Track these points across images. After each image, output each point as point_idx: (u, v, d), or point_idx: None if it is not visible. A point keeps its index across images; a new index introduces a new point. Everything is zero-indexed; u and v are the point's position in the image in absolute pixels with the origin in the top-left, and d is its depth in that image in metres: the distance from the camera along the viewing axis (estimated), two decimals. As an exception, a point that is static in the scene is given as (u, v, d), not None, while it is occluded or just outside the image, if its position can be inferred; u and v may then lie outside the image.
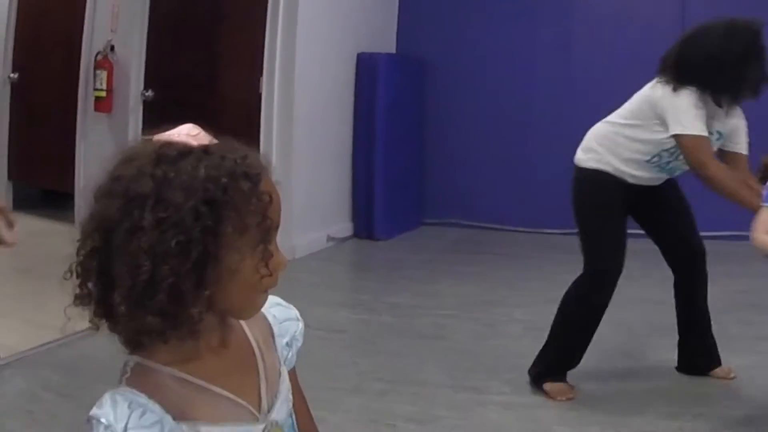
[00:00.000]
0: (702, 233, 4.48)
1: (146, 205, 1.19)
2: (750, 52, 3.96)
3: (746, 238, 7.19)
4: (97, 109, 7.13)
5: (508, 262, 7.11)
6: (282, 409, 1.39)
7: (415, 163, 8.01)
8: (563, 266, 6.53)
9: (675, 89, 4.00)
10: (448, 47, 7.95)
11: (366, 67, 7.39)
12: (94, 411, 1.21)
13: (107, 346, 1.36)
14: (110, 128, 7.02)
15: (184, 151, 1.24)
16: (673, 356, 4.61)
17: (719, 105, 4.02)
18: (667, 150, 4.14)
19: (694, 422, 4.08)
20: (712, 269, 4.57)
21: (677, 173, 4.28)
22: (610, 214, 4.26)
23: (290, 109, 6.59)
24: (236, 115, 6.70)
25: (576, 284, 4.36)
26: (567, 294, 4.38)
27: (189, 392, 1.26)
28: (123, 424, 1.19)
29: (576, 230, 4.36)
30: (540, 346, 4.91)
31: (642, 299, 5.69)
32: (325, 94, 7.03)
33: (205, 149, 1.25)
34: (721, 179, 3.95)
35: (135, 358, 1.28)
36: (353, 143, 7.46)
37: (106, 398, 1.22)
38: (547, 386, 4.35)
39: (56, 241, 7.74)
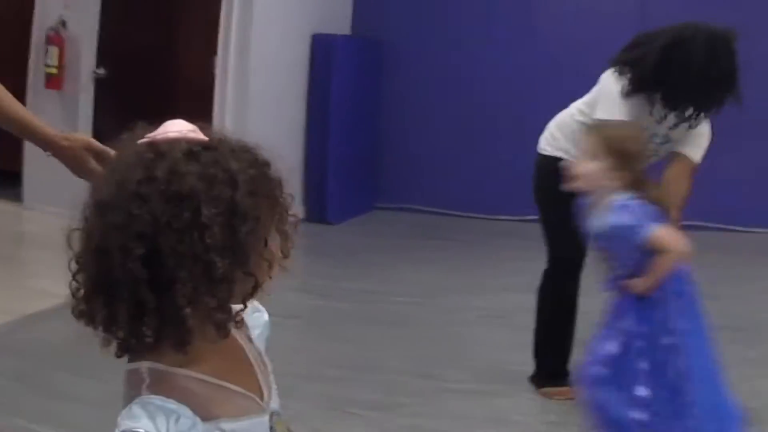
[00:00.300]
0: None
1: (198, 202, 1.19)
2: (731, 72, 3.92)
3: (701, 228, 7.37)
4: (48, 86, 7.02)
5: (463, 248, 7.12)
6: (276, 399, 1.41)
7: (369, 147, 7.98)
8: (518, 253, 6.61)
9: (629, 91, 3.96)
10: (405, 29, 7.93)
11: (321, 48, 7.36)
12: (130, 424, 1.19)
13: (60, 329, 1.33)
14: (61, 106, 6.91)
15: (207, 145, 1.26)
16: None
17: (672, 109, 3.98)
18: None
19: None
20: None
21: None
22: (572, 202, 4.24)
23: (245, 89, 6.55)
24: (190, 94, 6.66)
25: (545, 278, 4.40)
26: (540, 291, 4.40)
27: (208, 392, 1.27)
28: None
29: (536, 218, 4.41)
30: (498, 334, 4.95)
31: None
32: (279, 75, 7.00)
33: (216, 143, 1.27)
34: None
35: (146, 364, 1.26)
36: (306, 125, 7.43)
37: (138, 410, 1.20)
38: (545, 390, 4.32)
39: (3, 221, 7.62)
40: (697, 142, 4.19)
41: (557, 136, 4.30)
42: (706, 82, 3.88)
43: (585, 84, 4.28)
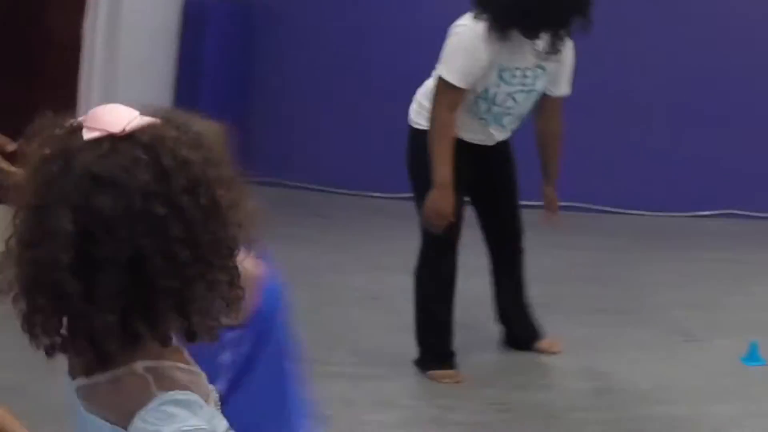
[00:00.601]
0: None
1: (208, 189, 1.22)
2: None
3: (586, 210, 7.44)
4: None
5: (337, 225, 6.96)
6: None
7: (240, 116, 7.69)
8: (392, 231, 6.50)
9: (472, 21, 3.98)
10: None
11: (193, 11, 7.10)
12: (179, 426, 1.19)
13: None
14: None
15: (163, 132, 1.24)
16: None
17: (531, 38, 3.98)
18: (480, 96, 4.07)
19: (543, 393, 4.09)
20: (549, 240, 4.57)
21: (507, 123, 4.19)
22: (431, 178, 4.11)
23: (115, 50, 6.25)
24: (57, 55, 6.36)
25: (420, 257, 4.32)
26: (416, 270, 4.32)
27: (190, 377, 1.27)
28: (215, 422, 1.24)
29: (410, 195, 4.33)
30: (378, 316, 4.89)
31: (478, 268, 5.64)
32: (150, 38, 6.83)
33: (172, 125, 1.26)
34: (438, 131, 3.99)
35: (139, 364, 1.23)
36: (176, 91, 7.22)
37: (173, 409, 1.20)
38: (432, 373, 4.23)
39: None
40: (565, 75, 4.23)
41: (426, 105, 4.17)
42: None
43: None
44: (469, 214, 4.39)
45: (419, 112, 4.19)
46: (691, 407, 3.99)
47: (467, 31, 3.99)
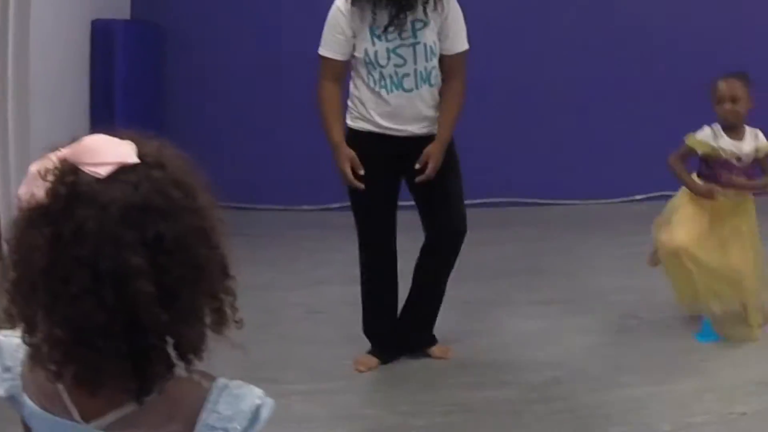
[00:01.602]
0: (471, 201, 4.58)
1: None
2: None
3: (515, 204, 7.55)
4: None
5: (265, 242, 6.93)
6: None
7: (155, 136, 7.67)
8: (324, 243, 6.54)
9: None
10: (185, 13, 7.69)
11: (101, 35, 7.06)
12: (250, 403, 1.32)
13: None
14: None
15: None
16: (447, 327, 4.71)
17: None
18: (365, 62, 4.22)
19: (502, 389, 4.15)
20: (480, 235, 4.63)
21: (409, 85, 4.23)
22: (356, 177, 4.23)
23: (24, 80, 6.15)
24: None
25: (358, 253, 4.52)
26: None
27: None
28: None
29: (335, 206, 4.49)
30: (324, 329, 5.01)
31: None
32: (60, 64, 6.75)
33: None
34: (319, 101, 4.33)
35: (178, 370, 1.30)
36: (90, 114, 7.15)
37: (236, 391, 1.33)
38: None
39: None
40: (455, 31, 4.28)
41: (350, 105, 4.37)
42: None
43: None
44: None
45: (348, 113, 4.35)
46: (652, 386, 4.12)
47: (332, 7, 4.26)
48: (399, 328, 4.53)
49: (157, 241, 1.21)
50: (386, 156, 4.23)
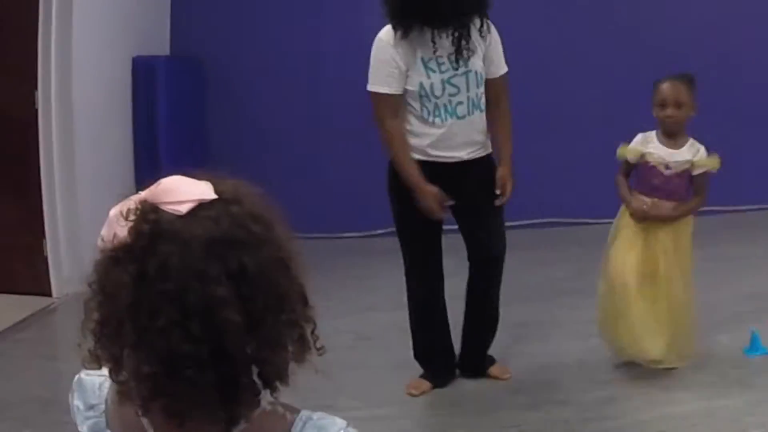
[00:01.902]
0: (516, 222, 4.63)
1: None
2: None
3: (561, 224, 7.58)
4: None
5: (311, 271, 6.99)
6: None
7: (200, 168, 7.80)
8: (369, 270, 6.63)
9: (384, 32, 4.24)
10: (224, 45, 7.82)
11: (142, 71, 7.20)
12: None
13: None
14: None
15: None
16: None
17: (434, 27, 4.17)
18: (420, 95, 4.27)
19: (556, 410, 4.21)
20: (529, 256, 4.68)
21: (462, 111, 4.32)
22: (403, 204, 4.37)
23: (70, 122, 6.31)
24: (9, 131, 6.38)
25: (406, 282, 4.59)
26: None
27: None
28: None
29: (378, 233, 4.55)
30: (372, 355, 4.99)
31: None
32: (104, 103, 6.91)
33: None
34: (389, 141, 4.28)
35: (264, 402, 1.37)
36: (134, 150, 7.30)
37: (320, 423, 1.40)
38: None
39: None
40: (497, 55, 4.40)
41: None
42: None
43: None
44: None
45: None
46: (704, 402, 4.18)
47: (376, 42, 4.27)
48: (460, 351, 4.65)
49: (241, 272, 1.26)
50: (432, 183, 4.30)
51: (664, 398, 4.24)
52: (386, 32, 4.23)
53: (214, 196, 1.31)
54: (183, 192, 1.31)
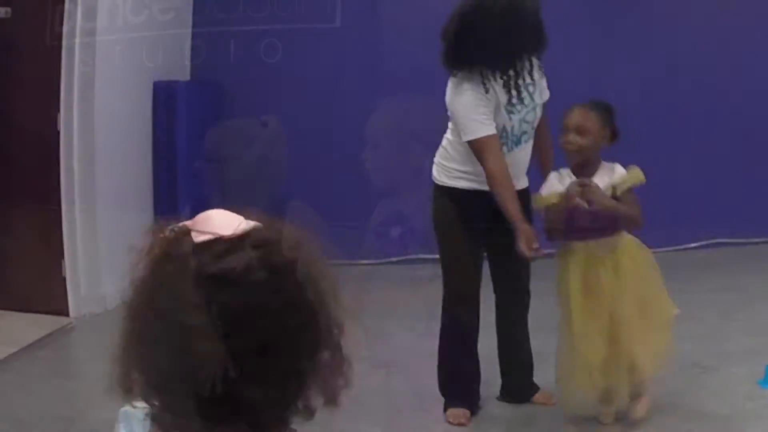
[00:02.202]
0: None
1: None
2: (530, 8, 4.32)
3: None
4: None
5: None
6: None
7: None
8: (388, 296, 6.70)
9: (456, 83, 4.35)
10: (245, 70, 7.91)
11: (163, 96, 7.31)
12: None
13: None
14: None
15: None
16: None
17: (503, 70, 4.33)
18: (500, 137, 4.40)
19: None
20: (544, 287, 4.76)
21: (525, 139, 4.49)
22: (452, 231, 4.44)
23: (91, 145, 6.41)
24: (31, 153, 6.52)
25: (443, 309, 4.65)
26: (441, 321, 4.62)
27: None
28: None
29: (395, 260, 4.60)
30: (397, 381, 5.07)
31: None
32: (125, 127, 7.00)
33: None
34: (494, 179, 4.30)
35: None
36: (154, 179, 7.37)
37: None
38: (446, 412, 4.61)
39: None
40: (544, 82, 4.54)
41: (444, 164, 4.57)
42: (509, 20, 4.25)
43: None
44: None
45: (440, 170, 4.55)
46: (720, 433, 4.26)
47: (456, 97, 4.36)
48: (504, 380, 4.76)
49: (221, 311, 1.27)
50: (483, 212, 4.43)
51: (679, 429, 4.31)
52: (459, 83, 4.34)
53: (230, 233, 1.34)
54: (211, 224, 1.35)
